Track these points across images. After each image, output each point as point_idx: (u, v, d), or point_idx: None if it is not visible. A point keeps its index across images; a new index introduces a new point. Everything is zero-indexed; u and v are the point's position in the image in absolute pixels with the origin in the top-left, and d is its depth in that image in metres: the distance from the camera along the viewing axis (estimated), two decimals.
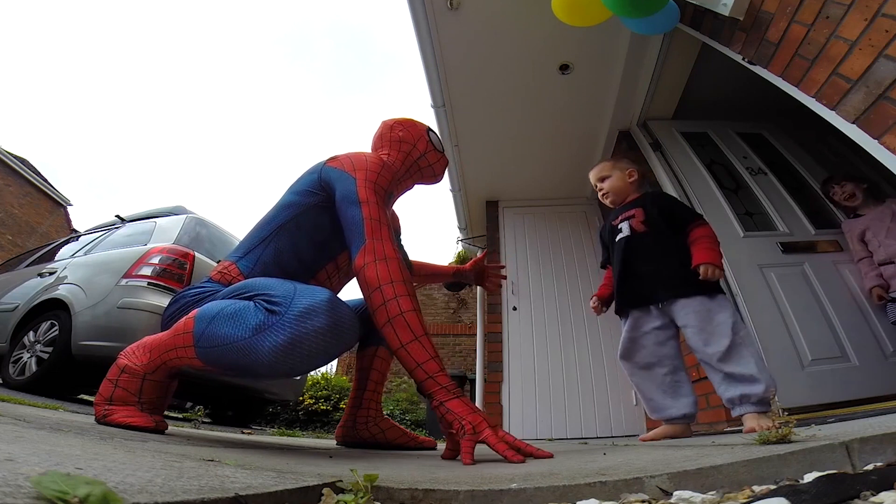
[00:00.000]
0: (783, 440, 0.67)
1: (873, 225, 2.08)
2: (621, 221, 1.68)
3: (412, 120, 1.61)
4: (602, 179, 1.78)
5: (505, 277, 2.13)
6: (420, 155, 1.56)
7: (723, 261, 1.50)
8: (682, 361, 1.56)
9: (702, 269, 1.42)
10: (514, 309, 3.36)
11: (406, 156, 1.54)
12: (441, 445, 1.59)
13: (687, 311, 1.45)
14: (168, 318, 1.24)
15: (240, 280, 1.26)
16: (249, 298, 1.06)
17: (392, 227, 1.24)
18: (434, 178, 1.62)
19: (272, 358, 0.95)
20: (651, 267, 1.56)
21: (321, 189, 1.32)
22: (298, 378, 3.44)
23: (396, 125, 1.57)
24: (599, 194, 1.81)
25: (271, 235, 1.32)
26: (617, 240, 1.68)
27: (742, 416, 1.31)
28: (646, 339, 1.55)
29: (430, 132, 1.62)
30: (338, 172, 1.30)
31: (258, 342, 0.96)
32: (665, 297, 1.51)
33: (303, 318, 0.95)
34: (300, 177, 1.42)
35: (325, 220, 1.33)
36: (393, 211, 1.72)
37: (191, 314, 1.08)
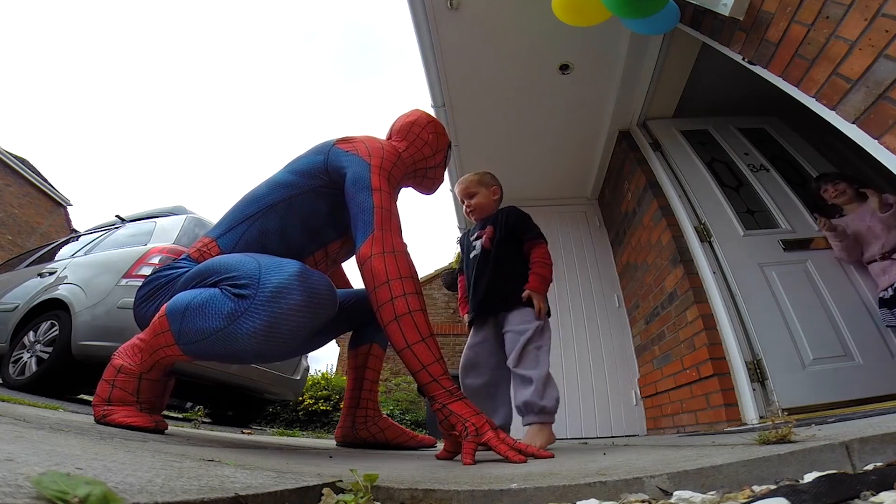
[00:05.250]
0: (783, 440, 0.67)
1: (853, 223, 2.04)
2: (476, 239, 1.74)
3: (444, 129, 1.59)
4: (470, 196, 1.78)
5: None
6: (434, 166, 1.55)
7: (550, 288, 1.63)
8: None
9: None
10: None
11: (421, 158, 1.50)
12: (440, 445, 1.58)
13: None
14: (140, 299, 1.17)
15: None
16: (214, 285, 1.01)
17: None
18: (429, 191, 1.60)
19: (253, 343, 0.91)
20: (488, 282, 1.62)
21: (325, 173, 1.24)
22: (298, 378, 3.44)
23: (431, 125, 1.53)
24: (466, 210, 1.82)
25: (259, 213, 1.24)
26: (471, 256, 1.74)
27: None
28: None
29: (450, 149, 1.61)
30: (350, 156, 1.23)
31: (235, 330, 0.92)
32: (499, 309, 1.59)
33: (276, 299, 0.90)
34: (302, 155, 1.32)
35: (323, 207, 1.25)
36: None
37: (161, 311, 1.03)
